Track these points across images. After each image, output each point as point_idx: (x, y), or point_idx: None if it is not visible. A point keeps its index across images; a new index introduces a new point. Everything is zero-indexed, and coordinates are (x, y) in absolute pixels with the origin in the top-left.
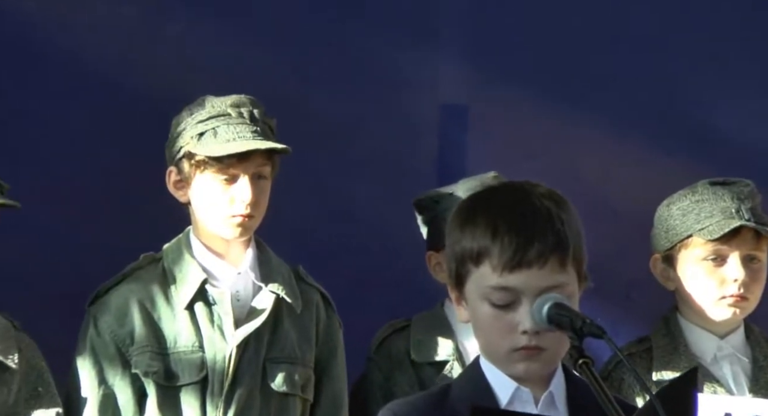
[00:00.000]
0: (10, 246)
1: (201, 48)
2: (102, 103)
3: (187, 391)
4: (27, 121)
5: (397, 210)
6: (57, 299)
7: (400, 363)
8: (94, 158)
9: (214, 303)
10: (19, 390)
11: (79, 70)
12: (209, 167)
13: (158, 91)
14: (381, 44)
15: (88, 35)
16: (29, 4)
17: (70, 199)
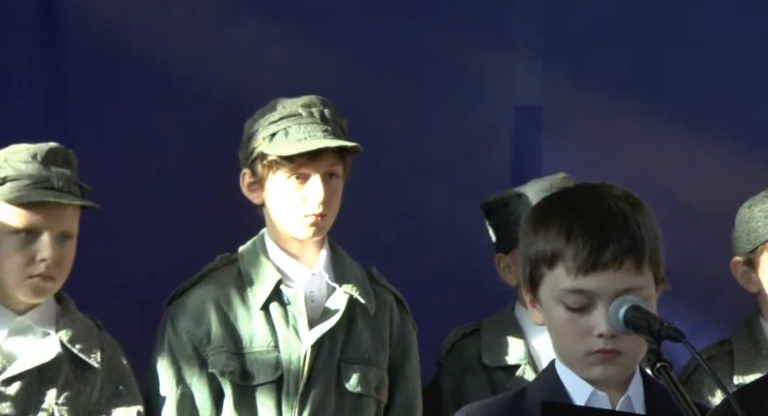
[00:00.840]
0: (94, 248)
1: (274, 50)
2: (179, 107)
3: (262, 391)
4: (107, 125)
5: (469, 212)
6: (137, 299)
7: (471, 367)
8: (172, 161)
9: (288, 303)
10: (102, 388)
11: (156, 74)
12: (281, 167)
13: (232, 94)
14: (455, 44)
15: (163, 39)
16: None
17: (150, 201)
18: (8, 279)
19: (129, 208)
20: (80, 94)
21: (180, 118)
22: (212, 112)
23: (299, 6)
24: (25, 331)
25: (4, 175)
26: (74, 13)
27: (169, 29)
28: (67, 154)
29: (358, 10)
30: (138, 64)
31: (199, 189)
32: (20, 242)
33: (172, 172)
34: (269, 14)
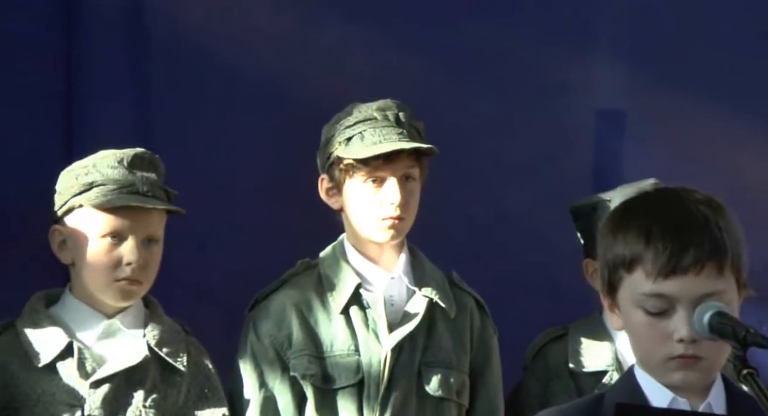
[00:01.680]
0: (179, 253)
1: (354, 55)
2: (261, 112)
3: (344, 394)
4: (192, 130)
5: (552, 215)
6: (220, 303)
7: (557, 372)
8: (254, 167)
9: (368, 307)
10: (188, 391)
11: (239, 79)
12: (357, 171)
13: (313, 99)
14: (536, 47)
15: (246, 45)
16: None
17: (233, 207)
18: (96, 283)
19: (213, 213)
20: (165, 99)
21: (262, 124)
22: (294, 117)
23: (379, 11)
24: (114, 334)
25: (91, 179)
26: (161, 21)
27: (251, 35)
28: (153, 158)
29: (438, 13)
30: (221, 69)
31: (280, 194)
32: (107, 246)
33: (254, 178)
34: (349, 20)
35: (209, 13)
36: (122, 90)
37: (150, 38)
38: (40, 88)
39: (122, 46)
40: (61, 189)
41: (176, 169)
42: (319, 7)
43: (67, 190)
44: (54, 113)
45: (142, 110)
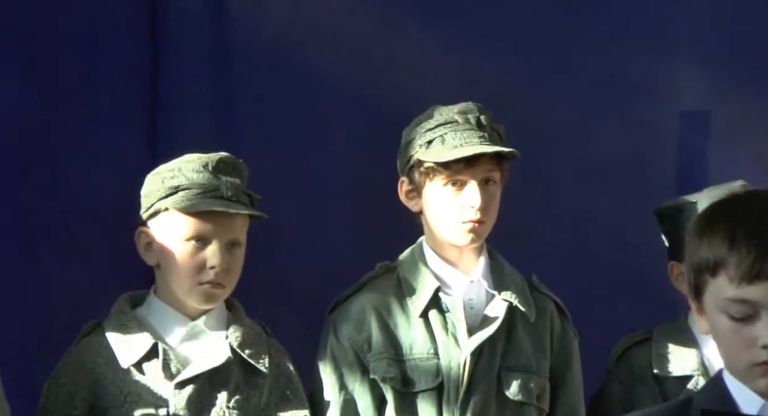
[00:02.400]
0: (262, 257)
1: (434, 58)
2: (342, 116)
3: (423, 398)
4: (274, 134)
5: (634, 218)
6: (300, 306)
7: (641, 376)
8: (335, 170)
9: (447, 310)
10: (270, 393)
11: (321, 83)
12: (438, 174)
13: (394, 102)
14: (619, 49)
15: (328, 49)
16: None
17: (313, 210)
18: (180, 285)
19: (294, 217)
20: (249, 103)
21: (343, 127)
22: (374, 121)
23: (459, 14)
24: (198, 336)
25: (177, 183)
26: (244, 25)
27: (333, 39)
28: (237, 163)
29: (518, 16)
30: (303, 73)
31: (360, 197)
32: (191, 249)
33: (334, 181)
34: (430, 23)
35: (291, 18)
36: (206, 94)
37: (233, 43)
38: (125, 92)
39: (206, 51)
40: (147, 192)
41: (259, 174)
42: (401, 10)
43: (154, 193)
44: (139, 117)
45: (225, 114)
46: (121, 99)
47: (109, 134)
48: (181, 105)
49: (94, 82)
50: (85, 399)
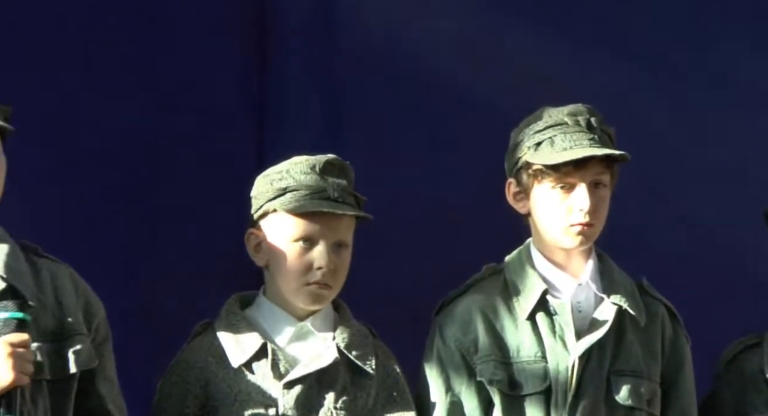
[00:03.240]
0: (368, 258)
1: (542, 59)
2: (447, 118)
3: (531, 401)
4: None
5: (746, 221)
6: (406, 308)
7: (753, 381)
8: (440, 172)
9: (555, 313)
10: (377, 395)
11: (425, 84)
12: (546, 176)
13: (499, 104)
14: (728, 48)
15: (433, 50)
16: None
17: (419, 212)
18: (288, 286)
19: (400, 218)
20: (354, 106)
21: (448, 128)
22: (479, 122)
23: (566, 14)
24: (305, 336)
25: (285, 185)
26: (349, 27)
27: (439, 41)
28: (343, 165)
29: (630, 20)
30: (409, 76)
31: (466, 199)
32: (299, 250)
33: (440, 183)
34: (537, 23)
35: (396, 21)
36: (313, 96)
37: (339, 45)
38: (233, 97)
39: (312, 54)
40: (256, 193)
41: (365, 175)
42: (508, 11)
43: (263, 195)
44: (247, 120)
45: (331, 117)
46: (228, 104)
47: (218, 138)
48: (288, 108)
49: (203, 87)
50: (197, 397)
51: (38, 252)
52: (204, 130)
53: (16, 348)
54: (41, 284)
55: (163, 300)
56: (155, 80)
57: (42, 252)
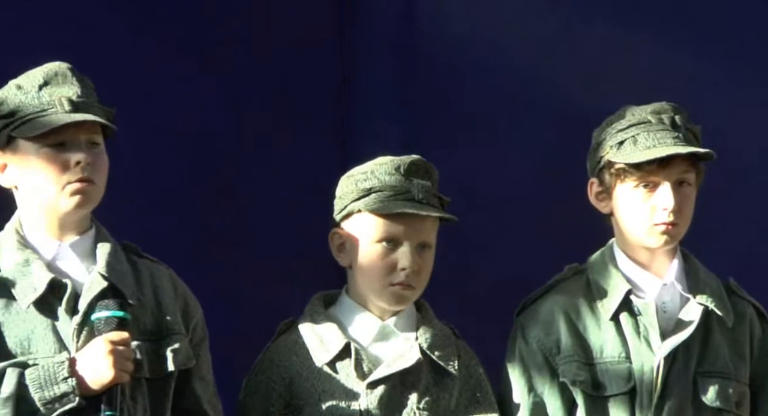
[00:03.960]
0: (450, 258)
1: (621, 58)
2: (525, 119)
3: (615, 402)
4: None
5: None
6: (488, 308)
7: None
8: (519, 172)
9: (639, 314)
10: (460, 395)
11: (505, 84)
12: (629, 175)
13: (579, 104)
14: None
15: (511, 51)
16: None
17: (500, 211)
18: (371, 286)
19: (483, 218)
20: (436, 106)
21: (529, 130)
22: (560, 122)
23: (645, 12)
24: (388, 336)
25: (369, 185)
26: (429, 29)
27: (517, 41)
28: (428, 166)
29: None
30: (488, 77)
31: (547, 199)
32: (383, 251)
33: (518, 184)
34: (613, 23)
35: (475, 21)
36: (394, 97)
37: (419, 46)
38: (316, 95)
39: (393, 55)
40: (341, 193)
41: (448, 176)
42: (590, 6)
43: (347, 195)
44: (330, 121)
45: (414, 117)
46: (312, 103)
47: (302, 138)
48: (371, 108)
49: (286, 87)
50: (282, 395)
51: (138, 253)
52: (290, 131)
53: (117, 346)
54: (141, 284)
55: (247, 298)
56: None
57: (142, 253)
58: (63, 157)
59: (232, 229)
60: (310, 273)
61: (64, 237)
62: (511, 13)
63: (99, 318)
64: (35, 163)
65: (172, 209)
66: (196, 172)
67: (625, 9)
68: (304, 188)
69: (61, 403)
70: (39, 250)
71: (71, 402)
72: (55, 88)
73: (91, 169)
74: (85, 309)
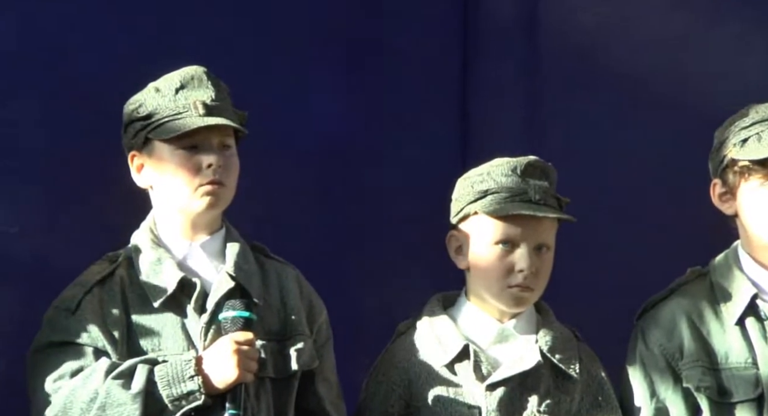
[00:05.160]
0: (570, 260)
1: (754, 54)
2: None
3: (742, 409)
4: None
5: None
6: (605, 311)
7: None
8: (642, 175)
9: (766, 318)
10: (581, 399)
11: (633, 83)
12: (754, 173)
13: (708, 102)
14: None
15: (639, 48)
16: (588, 22)
17: (623, 214)
18: (489, 288)
19: (603, 219)
20: (557, 107)
21: (651, 130)
22: (681, 123)
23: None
24: (508, 338)
25: (486, 187)
26: (553, 29)
27: (645, 39)
28: (545, 167)
29: None
30: (613, 75)
31: (672, 199)
32: (500, 253)
33: (643, 184)
34: (750, 20)
35: (601, 18)
36: (515, 98)
37: (542, 46)
38: (436, 97)
39: (515, 55)
40: (457, 196)
41: (567, 177)
42: (717, 6)
43: (463, 198)
44: (449, 122)
45: (534, 118)
46: (431, 104)
47: (421, 140)
48: (491, 109)
49: (406, 88)
50: (401, 397)
51: (267, 253)
52: (408, 133)
53: (241, 346)
54: (268, 285)
55: (366, 300)
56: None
57: (270, 254)
58: (195, 160)
59: (352, 231)
60: (428, 275)
61: (196, 236)
62: (633, 13)
63: (226, 318)
64: (169, 164)
65: (298, 210)
66: (314, 174)
67: (749, 11)
68: (422, 190)
69: (187, 401)
70: (171, 249)
71: (197, 400)
72: (191, 91)
73: (222, 171)
74: (213, 309)
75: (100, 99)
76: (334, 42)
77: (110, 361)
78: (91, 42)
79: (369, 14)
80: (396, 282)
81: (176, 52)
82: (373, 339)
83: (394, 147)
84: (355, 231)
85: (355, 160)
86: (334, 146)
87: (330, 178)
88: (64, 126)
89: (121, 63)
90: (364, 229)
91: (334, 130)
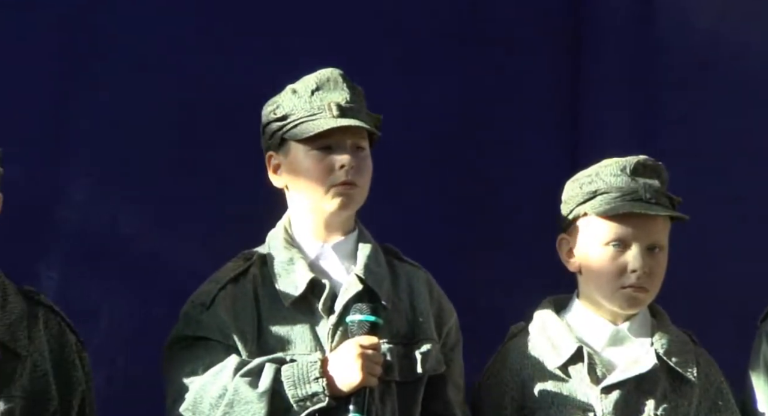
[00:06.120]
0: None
1: None
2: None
3: None
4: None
5: None
6: (730, 313)
7: None
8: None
9: None
10: (699, 403)
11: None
12: None
13: None
14: None
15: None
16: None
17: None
18: (602, 290)
19: (719, 218)
20: (669, 107)
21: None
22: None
23: None
24: (622, 341)
25: (595, 188)
26: (668, 29)
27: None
28: (656, 166)
29: None
30: (728, 76)
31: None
32: (612, 253)
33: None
34: None
35: (718, 16)
36: (627, 99)
37: (657, 46)
38: (547, 99)
39: (629, 56)
40: (566, 198)
41: (680, 176)
42: None
43: (573, 199)
44: (561, 124)
45: (646, 117)
46: (542, 107)
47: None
48: (603, 110)
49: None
50: (515, 399)
51: (399, 256)
52: (517, 136)
53: (366, 350)
54: (398, 287)
55: (479, 302)
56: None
57: (402, 256)
58: (329, 160)
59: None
60: (539, 277)
61: (329, 237)
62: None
63: (352, 321)
64: (303, 164)
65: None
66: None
67: None
68: (533, 192)
69: (312, 402)
70: (304, 249)
71: (321, 401)
72: (326, 93)
73: (354, 172)
74: (341, 311)
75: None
76: (443, 42)
77: (239, 359)
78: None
79: (479, 11)
80: (508, 283)
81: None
82: (486, 341)
83: (504, 150)
84: (468, 233)
85: (470, 164)
86: (441, 150)
87: (445, 180)
88: (189, 128)
89: (257, 75)
90: (476, 231)
91: (443, 134)
